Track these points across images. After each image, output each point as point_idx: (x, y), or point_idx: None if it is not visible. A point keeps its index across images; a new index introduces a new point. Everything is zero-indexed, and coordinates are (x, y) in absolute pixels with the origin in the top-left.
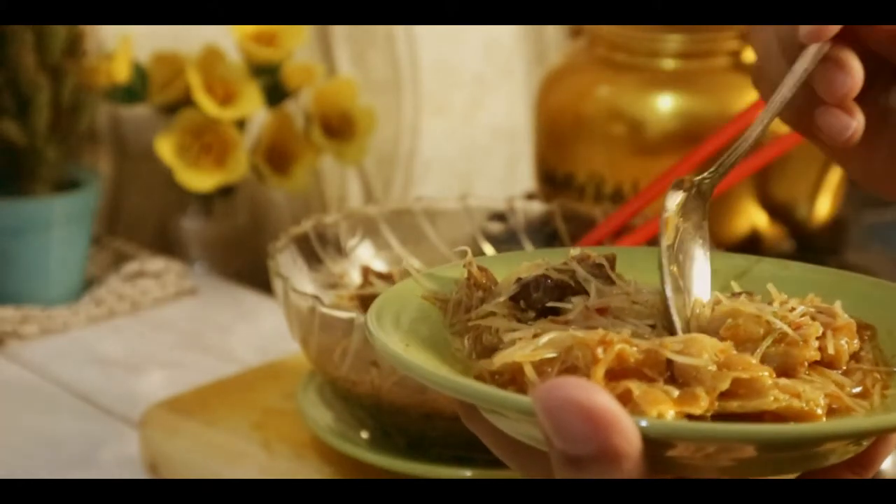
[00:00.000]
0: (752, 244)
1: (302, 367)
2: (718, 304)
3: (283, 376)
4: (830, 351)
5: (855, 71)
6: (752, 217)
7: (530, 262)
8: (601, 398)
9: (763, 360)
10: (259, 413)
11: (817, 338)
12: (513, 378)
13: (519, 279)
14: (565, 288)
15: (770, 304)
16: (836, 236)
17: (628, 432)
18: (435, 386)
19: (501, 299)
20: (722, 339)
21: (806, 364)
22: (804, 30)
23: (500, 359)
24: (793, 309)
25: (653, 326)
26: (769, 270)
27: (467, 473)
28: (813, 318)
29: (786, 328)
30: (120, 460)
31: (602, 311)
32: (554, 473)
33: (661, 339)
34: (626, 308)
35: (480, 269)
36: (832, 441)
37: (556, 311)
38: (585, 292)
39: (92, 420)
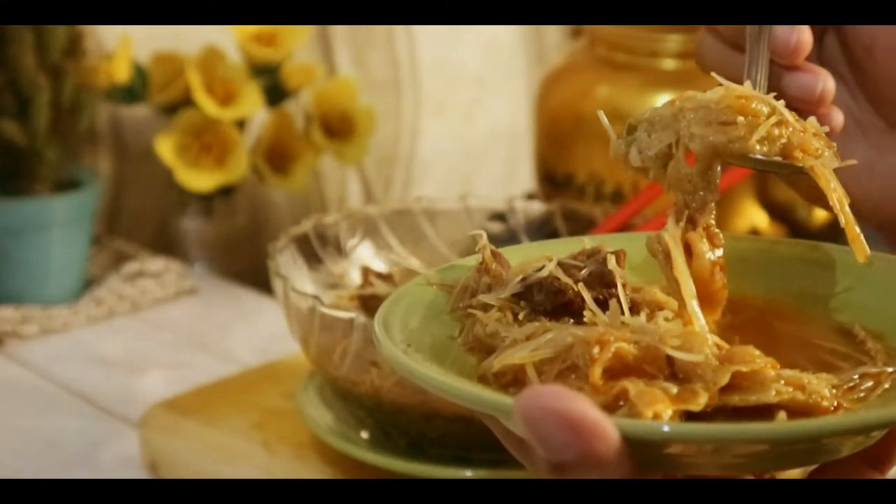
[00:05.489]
0: None
1: (302, 367)
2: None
3: (283, 376)
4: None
5: (801, 29)
6: (752, 217)
7: (541, 255)
8: (579, 405)
9: (766, 140)
10: (259, 413)
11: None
12: (515, 378)
13: (524, 278)
14: (567, 293)
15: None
16: (835, 237)
17: (609, 437)
18: (431, 389)
19: (503, 295)
20: (725, 115)
21: (806, 152)
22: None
23: (500, 361)
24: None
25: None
26: (798, 253)
27: (467, 473)
28: None
29: (788, 115)
30: (120, 460)
31: None
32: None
33: (661, 335)
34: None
35: (494, 253)
36: (805, 440)
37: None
38: (583, 299)
39: (92, 420)
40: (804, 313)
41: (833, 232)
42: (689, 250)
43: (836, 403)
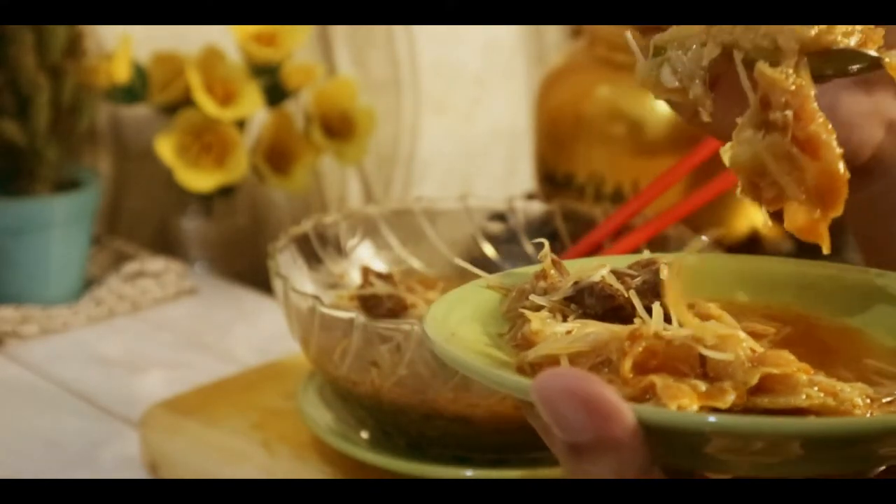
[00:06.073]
0: (752, 244)
1: (302, 367)
2: None
3: (283, 376)
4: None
5: None
6: (752, 217)
7: (598, 263)
8: (596, 387)
9: (848, 33)
10: (259, 413)
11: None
12: None
13: (576, 282)
14: (617, 298)
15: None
16: (835, 237)
17: (625, 420)
18: (460, 369)
19: (555, 298)
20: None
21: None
22: None
23: (535, 351)
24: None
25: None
26: (864, 279)
27: (467, 473)
28: None
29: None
30: (120, 460)
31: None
32: (560, 463)
33: (696, 334)
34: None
35: (555, 262)
36: (818, 441)
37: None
38: (633, 306)
39: (92, 420)
40: (863, 337)
41: (833, 232)
42: (809, 147)
43: (868, 414)
